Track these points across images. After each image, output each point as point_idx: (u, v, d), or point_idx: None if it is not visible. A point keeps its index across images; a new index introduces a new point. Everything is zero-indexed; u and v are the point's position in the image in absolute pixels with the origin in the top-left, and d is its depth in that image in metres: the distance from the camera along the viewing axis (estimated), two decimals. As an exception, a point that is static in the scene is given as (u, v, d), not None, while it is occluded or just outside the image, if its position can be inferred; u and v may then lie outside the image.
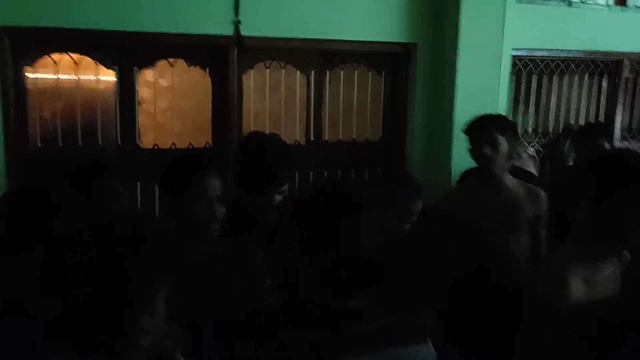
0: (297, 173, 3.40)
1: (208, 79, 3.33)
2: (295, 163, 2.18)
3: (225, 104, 3.34)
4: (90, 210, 1.59)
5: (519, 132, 3.46)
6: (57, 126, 3.12)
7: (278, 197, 1.99)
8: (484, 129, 2.59)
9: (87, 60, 3.13)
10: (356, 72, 3.69)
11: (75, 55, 3.08)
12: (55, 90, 3.11)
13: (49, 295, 1.01)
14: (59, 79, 3.10)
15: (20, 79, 2.99)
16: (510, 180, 2.58)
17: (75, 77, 3.13)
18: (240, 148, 2.18)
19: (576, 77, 4.21)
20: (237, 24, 3.16)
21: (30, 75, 3.04)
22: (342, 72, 3.66)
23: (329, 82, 3.63)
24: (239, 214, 1.85)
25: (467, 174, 3.37)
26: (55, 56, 3.06)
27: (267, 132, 3.43)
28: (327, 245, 1.11)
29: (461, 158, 3.51)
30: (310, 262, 1.13)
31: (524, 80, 4.04)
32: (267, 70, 3.47)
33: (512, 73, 3.87)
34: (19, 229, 1.45)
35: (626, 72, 4.29)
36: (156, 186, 1.75)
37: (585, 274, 1.58)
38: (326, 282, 1.12)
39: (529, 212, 2.55)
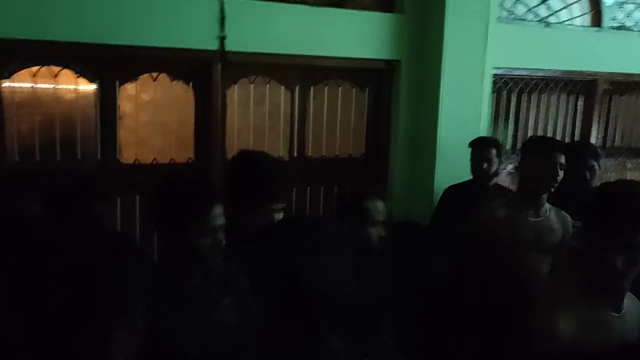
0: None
1: (191, 94, 3.29)
2: (291, 181, 2.13)
3: (208, 119, 3.30)
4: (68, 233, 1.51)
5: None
6: (35, 140, 3.03)
7: (277, 216, 1.94)
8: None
9: (67, 72, 3.06)
10: (340, 88, 3.70)
11: (55, 68, 3.01)
12: (33, 103, 3.03)
13: (16, 314, 0.98)
14: (37, 91, 3.02)
15: (-3, 92, 2.91)
16: (544, 203, 2.60)
17: (55, 90, 3.05)
18: (234, 167, 2.11)
19: (554, 96, 4.30)
20: (222, 39, 3.13)
21: (7, 87, 2.95)
22: (326, 88, 3.66)
23: (313, 98, 3.63)
24: (237, 235, 1.80)
25: (450, 191, 3.40)
26: (35, 68, 2.98)
27: (251, 147, 3.42)
28: (305, 285, 1.09)
29: (444, 174, 3.56)
30: (288, 302, 1.11)
31: (504, 99, 4.10)
32: (252, 85, 3.45)
33: (492, 91, 3.92)
34: None
35: (601, 91, 4.39)
36: (149, 213, 1.63)
37: (582, 311, 1.50)
38: (304, 322, 1.10)
39: (559, 235, 2.59)
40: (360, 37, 3.51)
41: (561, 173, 2.48)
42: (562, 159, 2.47)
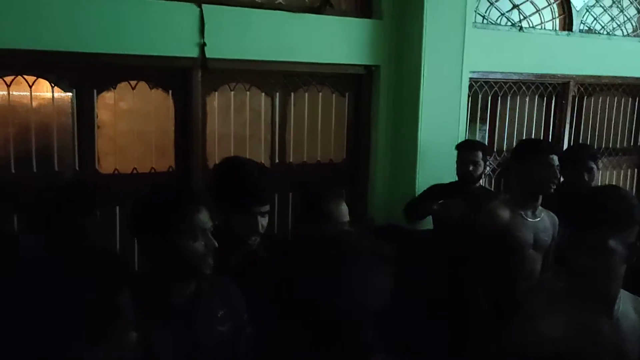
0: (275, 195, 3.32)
1: (171, 102, 3.24)
2: (275, 184, 2.13)
3: (188, 127, 3.25)
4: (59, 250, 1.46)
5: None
6: (9, 151, 2.94)
7: (262, 220, 1.94)
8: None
9: (42, 82, 2.98)
10: (320, 93, 3.70)
11: (30, 77, 2.93)
12: (7, 114, 2.94)
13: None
14: (12, 100, 2.93)
15: (-32, 102, 2.81)
16: (539, 204, 2.70)
17: (29, 100, 2.96)
18: (219, 170, 2.12)
19: (527, 99, 4.38)
20: (202, 46, 3.10)
21: (-21, 97, 2.86)
22: (306, 94, 3.65)
23: (294, 104, 3.62)
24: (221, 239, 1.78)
25: (436, 188, 3.42)
26: (9, 78, 2.89)
27: (232, 155, 3.39)
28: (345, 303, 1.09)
29: (425, 177, 3.59)
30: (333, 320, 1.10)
31: (480, 101, 4.17)
32: (232, 92, 3.42)
33: (468, 94, 3.98)
34: None
35: (572, 93, 4.50)
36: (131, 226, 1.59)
37: (571, 315, 1.53)
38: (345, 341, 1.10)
39: (551, 236, 2.70)
40: (339, 42, 3.51)
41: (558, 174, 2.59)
42: (557, 161, 2.59)
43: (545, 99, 4.47)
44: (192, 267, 1.55)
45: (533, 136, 4.46)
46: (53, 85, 2.99)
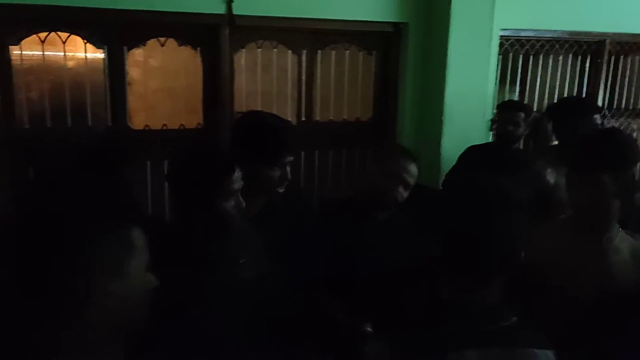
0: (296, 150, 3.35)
1: (199, 59, 3.28)
2: (298, 137, 2.18)
3: (216, 84, 3.30)
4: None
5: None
6: (45, 106, 3.04)
7: (285, 172, 1.99)
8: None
9: (75, 39, 3.05)
10: (347, 51, 3.68)
11: (62, 34, 3.00)
12: (42, 70, 3.03)
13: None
14: (45, 57, 3.02)
15: (5, 59, 2.90)
16: None
17: (63, 56, 3.05)
18: (242, 123, 2.17)
19: (561, 58, 4.28)
20: (229, 3, 3.11)
21: (16, 54, 2.94)
22: (333, 52, 3.64)
23: (320, 62, 3.62)
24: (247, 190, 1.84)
25: (471, 151, 3.40)
26: (42, 35, 2.97)
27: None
28: (473, 242, 1.11)
29: (451, 137, 3.58)
30: (453, 256, 1.13)
31: (510, 60, 4.09)
32: (259, 50, 3.43)
33: (499, 53, 3.91)
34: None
35: (608, 52, 4.37)
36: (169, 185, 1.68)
37: (567, 238, 1.62)
38: (465, 277, 1.13)
39: None
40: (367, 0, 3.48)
41: None
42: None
43: (579, 58, 4.35)
44: (221, 224, 1.62)
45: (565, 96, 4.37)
46: (85, 42, 3.06)
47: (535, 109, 4.29)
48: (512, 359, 1.10)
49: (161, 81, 3.29)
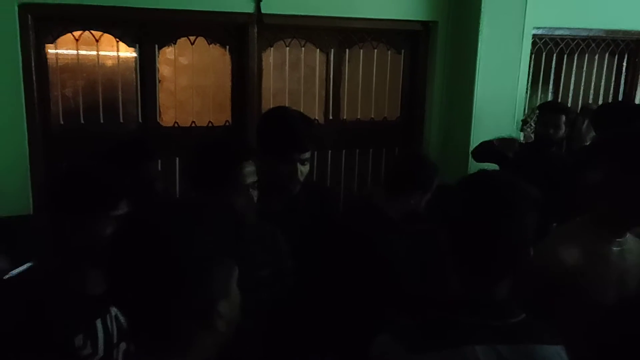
0: (318, 147, 3.36)
1: (228, 57, 3.33)
2: (318, 134, 2.15)
3: (244, 82, 3.34)
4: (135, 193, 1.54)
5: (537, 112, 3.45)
6: (78, 103, 3.13)
7: (302, 168, 1.97)
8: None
9: (108, 37, 3.13)
10: (375, 50, 3.67)
11: (96, 33, 3.08)
12: (76, 68, 3.12)
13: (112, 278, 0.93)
14: (80, 56, 3.11)
15: (42, 56, 3.00)
16: None
17: (96, 54, 3.13)
18: (264, 118, 2.19)
19: (596, 57, 4.17)
20: (258, 2, 3.14)
21: (51, 52, 3.04)
22: (361, 50, 3.64)
23: (348, 61, 3.62)
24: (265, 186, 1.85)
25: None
26: (77, 33, 3.05)
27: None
28: (488, 236, 1.12)
29: (480, 137, 3.52)
30: (466, 252, 1.14)
31: (543, 59, 4.01)
32: (287, 48, 3.46)
33: (532, 52, 3.83)
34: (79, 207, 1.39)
35: (647, 52, 4.24)
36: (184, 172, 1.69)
37: (585, 243, 1.56)
38: (479, 272, 1.14)
39: None
40: (396, -2, 3.46)
41: None
42: None
43: (616, 57, 4.24)
44: (232, 219, 1.64)
45: (602, 97, 4.26)
46: (118, 40, 3.13)
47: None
48: (522, 354, 1.10)
49: (191, 79, 3.34)
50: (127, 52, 3.20)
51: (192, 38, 3.26)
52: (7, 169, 2.86)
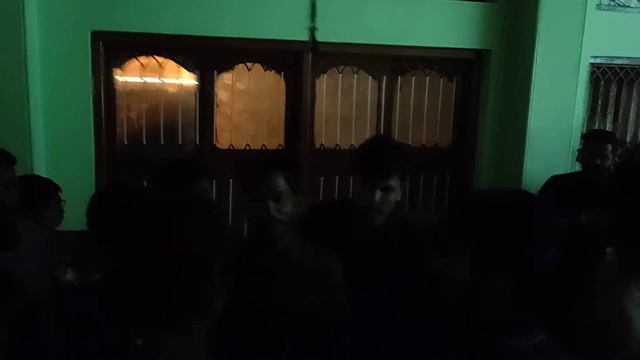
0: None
1: (282, 83, 3.45)
2: (411, 165, 2.10)
3: (298, 107, 3.44)
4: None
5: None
6: (142, 126, 3.31)
7: (379, 194, 1.88)
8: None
9: (171, 63, 3.31)
10: (427, 77, 3.71)
11: (160, 59, 3.27)
12: (141, 92, 3.30)
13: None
14: (145, 81, 3.29)
15: (110, 81, 3.20)
16: None
17: (159, 80, 3.31)
18: (359, 148, 2.14)
19: (658, 86, 4.05)
20: (312, 30, 3.24)
21: (119, 77, 3.24)
22: (413, 77, 3.68)
23: (400, 88, 3.67)
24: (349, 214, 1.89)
25: (555, 181, 3.28)
26: (142, 59, 3.25)
27: (338, 136, 3.53)
28: (515, 260, 1.13)
29: (533, 167, 3.48)
30: (494, 275, 1.15)
31: (602, 89, 3.93)
32: (340, 75, 3.55)
33: (589, 81, 3.77)
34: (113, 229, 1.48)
35: None
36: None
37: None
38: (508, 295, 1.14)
39: None
40: (450, 27, 3.50)
41: None
42: None
43: (679, 87, 4.10)
44: (258, 230, 1.70)
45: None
46: (179, 66, 3.30)
47: (628, 140, 4.08)
48: None
49: (246, 103, 3.47)
50: (188, 78, 3.37)
51: (249, 64, 3.40)
52: (75, 186, 3.02)
